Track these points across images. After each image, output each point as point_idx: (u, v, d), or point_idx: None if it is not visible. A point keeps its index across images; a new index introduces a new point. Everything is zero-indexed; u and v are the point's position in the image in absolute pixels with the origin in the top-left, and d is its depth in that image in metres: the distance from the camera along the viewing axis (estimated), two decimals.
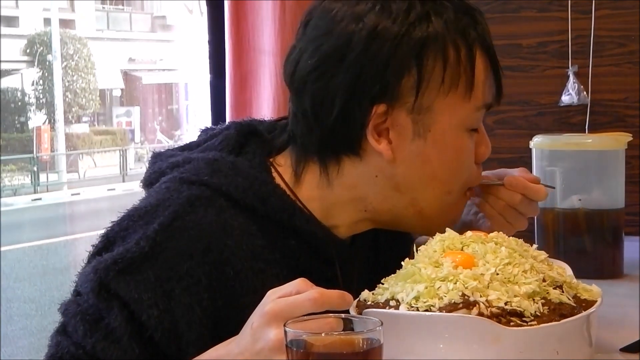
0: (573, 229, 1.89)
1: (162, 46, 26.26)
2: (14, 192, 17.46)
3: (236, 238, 1.27)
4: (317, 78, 1.31)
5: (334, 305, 1.07)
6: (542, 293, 1.14)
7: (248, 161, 1.36)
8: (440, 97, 1.31)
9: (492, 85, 1.38)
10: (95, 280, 1.21)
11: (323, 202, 1.37)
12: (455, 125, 1.34)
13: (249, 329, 1.10)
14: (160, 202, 1.28)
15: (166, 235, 1.23)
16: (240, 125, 1.43)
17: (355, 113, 1.30)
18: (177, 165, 1.35)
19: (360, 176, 1.35)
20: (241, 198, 1.30)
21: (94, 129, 23.81)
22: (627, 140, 1.91)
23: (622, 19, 2.47)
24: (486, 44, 1.37)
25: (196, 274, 1.22)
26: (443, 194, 1.36)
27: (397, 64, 1.29)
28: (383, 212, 1.37)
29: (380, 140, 1.32)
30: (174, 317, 1.21)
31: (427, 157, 1.33)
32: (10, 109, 22.34)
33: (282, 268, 1.30)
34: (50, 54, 21.99)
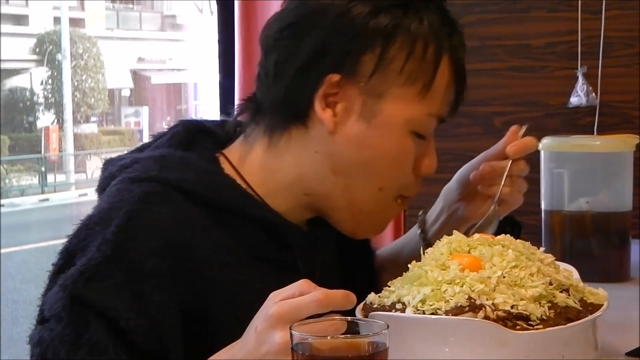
0: (580, 231, 1.89)
1: (171, 46, 26.29)
2: (21, 193, 17.48)
3: (193, 231, 1.27)
4: (289, 35, 1.34)
5: (338, 305, 1.07)
6: (549, 296, 1.14)
7: (197, 154, 1.36)
8: (394, 86, 1.32)
9: (450, 98, 1.38)
10: (65, 296, 1.19)
11: (270, 185, 1.37)
12: (402, 121, 1.34)
13: (252, 333, 1.10)
14: (113, 205, 1.27)
15: (125, 236, 1.22)
16: (189, 123, 1.44)
17: (310, 76, 1.32)
18: (126, 167, 1.34)
19: (303, 150, 1.35)
20: (193, 191, 1.29)
21: (102, 129, 23.84)
22: (635, 142, 1.90)
23: (632, 20, 2.47)
24: (457, 56, 1.37)
25: (162, 270, 1.22)
26: (374, 188, 1.36)
27: (363, 39, 1.31)
28: (320, 196, 1.37)
29: (326, 110, 1.32)
30: (149, 316, 1.20)
31: (365, 142, 1.33)
32: (19, 109, 22.38)
33: (241, 257, 1.31)
34: (59, 53, 22.03)
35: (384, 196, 1.38)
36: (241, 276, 1.28)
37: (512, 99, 2.58)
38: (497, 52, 2.59)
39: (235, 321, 1.23)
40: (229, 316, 1.25)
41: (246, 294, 1.27)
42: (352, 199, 1.36)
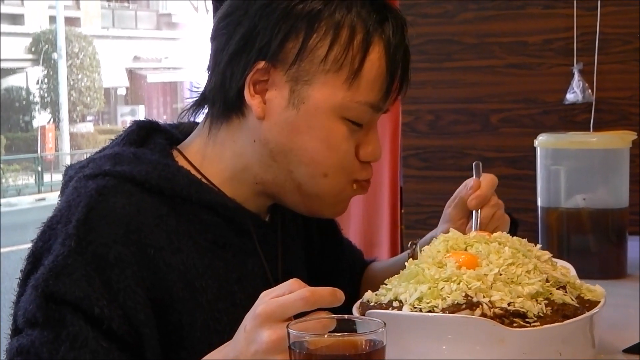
0: (577, 228, 1.89)
1: (167, 44, 26.29)
2: (17, 192, 17.47)
3: (150, 219, 1.27)
4: (226, 25, 1.35)
5: (325, 303, 1.07)
6: (546, 294, 1.14)
7: (150, 150, 1.37)
8: (320, 73, 1.32)
9: (381, 87, 1.35)
10: (39, 296, 1.20)
11: (224, 175, 1.38)
12: (330, 107, 1.33)
13: (242, 333, 1.10)
14: (70, 202, 1.28)
15: (86, 228, 1.23)
16: (142, 122, 1.45)
17: (240, 64, 1.33)
18: (82, 167, 1.36)
19: (243, 139, 1.36)
20: (146, 181, 1.30)
21: (98, 128, 23.83)
22: (632, 138, 1.90)
23: (628, 16, 2.47)
24: (389, 43, 1.35)
25: (125, 257, 1.23)
26: (319, 174, 1.35)
27: (287, 25, 1.31)
28: (269, 183, 1.37)
29: (255, 96, 1.33)
30: (120, 303, 1.21)
31: (296, 128, 1.33)
32: (15, 108, 22.37)
33: (199, 244, 1.31)
34: (55, 52, 22.01)
35: (332, 181, 1.36)
36: (200, 262, 1.29)
37: (509, 96, 2.58)
38: (493, 49, 2.59)
39: (196, 306, 1.27)
40: (189, 301, 1.27)
41: (206, 280, 1.29)
42: (298, 184, 1.36)
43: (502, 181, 1.51)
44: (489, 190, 1.51)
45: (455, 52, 2.62)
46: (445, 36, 2.62)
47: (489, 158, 2.55)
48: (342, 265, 1.66)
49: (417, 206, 2.56)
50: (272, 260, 1.40)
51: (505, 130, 2.57)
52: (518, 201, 1.53)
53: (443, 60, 2.63)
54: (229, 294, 1.32)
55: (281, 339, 1.03)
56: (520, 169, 2.49)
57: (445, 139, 2.63)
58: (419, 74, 2.59)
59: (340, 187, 1.38)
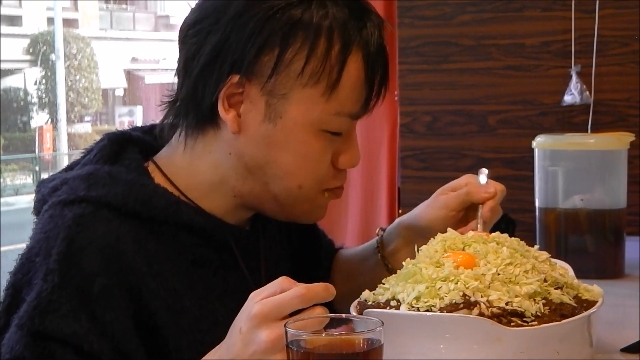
0: (574, 228, 1.89)
1: (165, 46, 26.24)
2: (15, 192, 17.44)
3: (129, 245, 1.25)
4: (195, 33, 1.31)
5: (320, 299, 1.07)
6: (543, 293, 1.14)
7: (125, 167, 1.33)
8: (297, 87, 1.28)
9: (360, 97, 1.32)
10: (25, 335, 1.18)
11: (201, 188, 1.35)
12: (308, 122, 1.30)
13: (237, 334, 1.09)
14: (49, 234, 1.25)
15: (68, 262, 1.21)
16: (114, 135, 1.41)
17: (213, 76, 1.29)
18: (56, 189, 1.31)
19: (218, 152, 1.33)
20: (123, 205, 1.27)
21: (96, 128, 23.78)
22: (629, 140, 1.91)
23: (626, 19, 2.47)
24: (369, 51, 1.31)
25: (108, 288, 1.21)
26: (294, 186, 1.33)
27: (261, 38, 1.26)
28: (246, 195, 1.35)
29: (230, 110, 1.30)
30: (108, 336, 1.19)
31: (273, 142, 1.30)
32: (13, 109, 22.33)
33: (179, 265, 1.29)
34: (53, 54, 21.97)
35: (306, 192, 1.34)
36: (180, 284, 1.27)
37: (507, 97, 2.58)
38: (491, 51, 2.59)
39: (179, 330, 1.25)
40: (172, 326, 1.25)
41: (186, 302, 1.27)
42: (275, 195, 1.34)
43: (500, 182, 1.51)
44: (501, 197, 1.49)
45: (453, 54, 2.62)
46: (443, 38, 2.62)
47: (487, 159, 2.55)
48: (320, 257, 1.64)
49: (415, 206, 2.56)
50: (255, 270, 1.38)
51: (503, 132, 2.57)
52: (516, 202, 1.53)
53: (441, 62, 2.63)
54: (210, 312, 1.30)
55: (280, 338, 1.03)
56: (518, 170, 2.49)
57: (443, 140, 2.64)
58: (417, 76, 2.59)
59: (316, 197, 1.36)
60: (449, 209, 1.49)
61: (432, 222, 1.49)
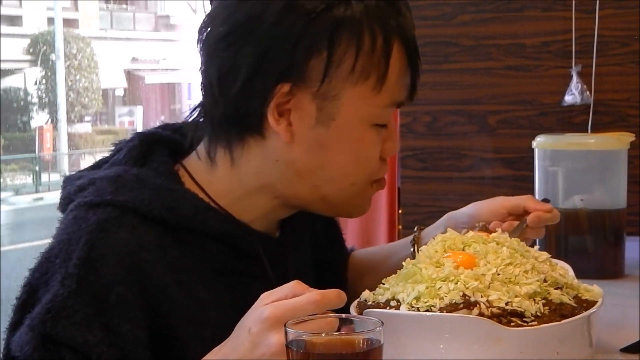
0: (575, 228, 1.89)
1: (165, 46, 26.25)
2: (15, 192, 17.44)
3: (153, 253, 1.23)
4: (227, 46, 1.27)
5: (333, 305, 1.07)
6: (543, 293, 1.14)
7: (153, 170, 1.32)
8: (348, 86, 1.27)
9: (406, 83, 1.32)
10: (35, 337, 1.16)
11: (234, 194, 1.33)
12: (361, 119, 1.29)
13: (245, 335, 1.08)
14: (71, 236, 1.23)
15: (87, 268, 1.19)
16: (144, 135, 1.39)
17: (258, 88, 1.25)
18: (83, 189, 1.30)
19: (263, 160, 1.31)
20: (149, 212, 1.25)
21: (96, 128, 23.78)
22: (629, 140, 1.91)
23: (626, 19, 2.47)
24: (406, 37, 1.30)
25: (127, 298, 1.19)
26: (347, 185, 1.33)
27: (307, 43, 1.24)
28: (291, 197, 1.34)
29: (280, 120, 1.27)
30: (120, 347, 1.18)
31: (327, 145, 1.29)
32: (13, 109, 22.32)
33: (205, 275, 1.28)
34: (53, 54, 21.97)
35: (358, 188, 1.34)
36: (205, 294, 1.26)
37: (507, 97, 2.58)
38: (491, 51, 2.59)
39: (201, 340, 1.22)
40: (193, 336, 1.23)
41: (212, 312, 1.26)
42: (324, 196, 1.33)
43: (500, 182, 1.52)
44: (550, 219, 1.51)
45: (453, 54, 2.62)
46: (443, 38, 2.62)
47: (487, 159, 2.55)
48: (342, 261, 1.64)
49: (415, 206, 2.56)
50: (281, 278, 1.33)
51: (503, 132, 2.57)
52: None
53: (441, 62, 2.63)
54: (235, 323, 1.23)
55: None
56: (518, 170, 2.49)
57: (443, 140, 2.64)
58: None
59: (364, 190, 1.36)
60: (502, 207, 1.52)
61: (480, 210, 1.52)
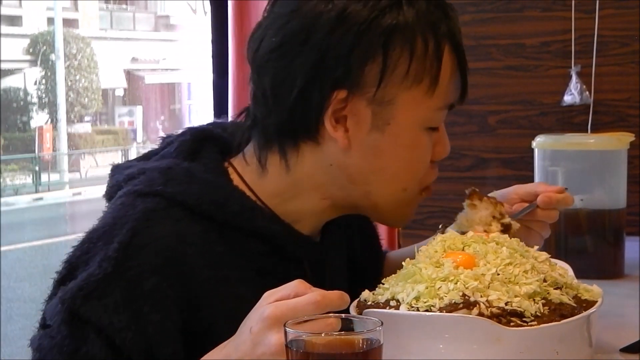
0: (574, 228, 1.89)
1: (165, 46, 26.24)
2: (15, 192, 17.44)
3: (196, 247, 1.25)
4: (280, 57, 1.29)
5: (334, 306, 1.07)
6: (543, 293, 1.14)
7: (203, 165, 1.33)
8: (402, 91, 1.29)
9: (457, 85, 1.35)
10: (64, 310, 1.19)
11: (283, 195, 1.35)
12: (415, 123, 1.31)
13: (247, 333, 1.09)
14: (116, 220, 1.25)
15: (127, 254, 1.21)
16: (196, 130, 1.41)
17: (314, 96, 1.27)
18: (133, 177, 1.32)
19: (317, 164, 1.32)
20: (197, 206, 1.27)
21: (96, 128, 23.77)
22: (629, 140, 1.91)
23: (626, 19, 2.47)
24: (455, 40, 1.33)
25: (162, 289, 1.21)
26: (398, 190, 1.34)
27: (362, 49, 1.26)
28: (340, 199, 1.35)
29: (337, 127, 1.29)
30: (146, 336, 1.19)
31: (382, 150, 1.31)
32: (13, 109, 22.31)
33: (247, 273, 1.29)
34: (53, 54, 21.96)
35: (408, 194, 1.36)
36: (245, 291, 1.25)
37: (507, 97, 2.59)
38: (491, 51, 2.59)
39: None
40: (229, 332, 1.20)
41: (248, 309, 1.22)
42: (375, 203, 1.35)
43: (500, 182, 1.52)
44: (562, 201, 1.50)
45: None
46: None
47: (487, 159, 2.55)
48: (378, 264, 1.64)
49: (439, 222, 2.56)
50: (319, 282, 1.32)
51: (503, 132, 2.57)
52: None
53: None
54: None
55: None
56: (517, 170, 2.49)
57: None
58: None
59: (414, 197, 1.37)
60: (515, 193, 1.53)
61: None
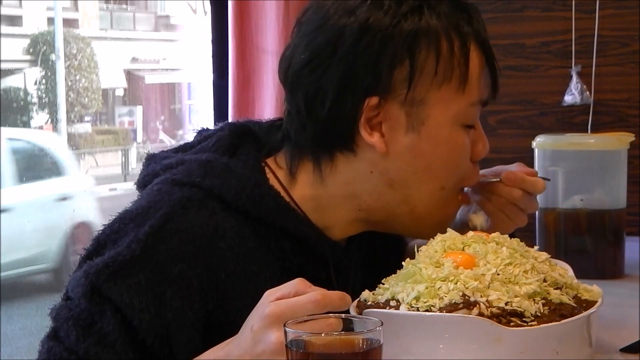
0: (574, 229, 1.89)
1: (165, 46, 26.19)
2: None
3: (228, 240, 1.26)
4: (310, 72, 1.31)
5: (335, 306, 1.07)
6: (543, 293, 1.14)
7: (242, 162, 1.35)
8: (433, 90, 1.31)
9: (487, 81, 1.38)
10: (86, 284, 1.20)
11: (317, 201, 1.36)
12: (449, 120, 1.34)
13: (248, 331, 1.09)
14: (151, 205, 1.27)
15: (157, 238, 1.22)
16: (235, 126, 1.42)
17: (347, 106, 1.30)
18: (170, 167, 1.34)
19: (354, 172, 1.34)
20: (234, 200, 1.29)
21: (96, 128, 23.68)
22: (629, 140, 1.90)
23: (626, 19, 2.47)
24: (481, 38, 1.36)
25: (187, 277, 1.21)
26: (437, 189, 1.35)
27: (388, 55, 1.30)
28: (377, 210, 1.36)
29: (373, 133, 1.31)
30: (165, 320, 1.20)
31: (420, 151, 1.33)
32: (13, 109, 22.32)
33: (274, 270, 1.30)
34: (53, 54, 21.88)
35: (446, 194, 1.37)
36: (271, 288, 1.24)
37: (507, 97, 2.58)
38: None
39: None
40: None
41: None
42: (414, 207, 1.36)
43: None
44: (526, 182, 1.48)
45: None
46: None
47: (487, 159, 2.52)
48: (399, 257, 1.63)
49: None
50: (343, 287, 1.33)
51: (503, 132, 2.57)
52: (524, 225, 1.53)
53: None
54: None
55: None
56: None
57: None
58: None
59: (452, 198, 1.39)
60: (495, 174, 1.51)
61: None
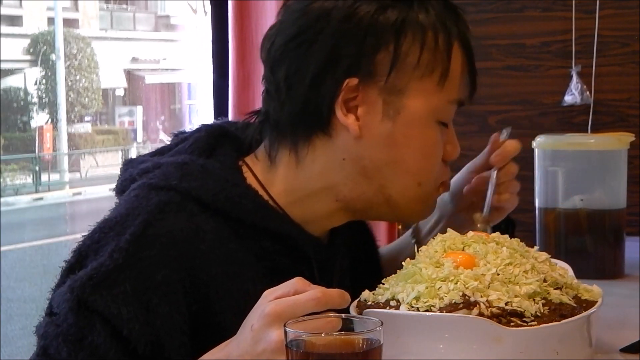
0: (574, 229, 1.89)
1: (165, 46, 26.24)
2: (15, 192, 17.42)
3: (209, 243, 1.26)
4: (296, 47, 1.31)
5: (335, 304, 1.07)
6: (543, 293, 1.14)
7: (219, 163, 1.35)
8: (413, 81, 1.31)
9: (467, 81, 1.37)
10: (72, 299, 1.19)
11: (295, 195, 1.35)
12: (426, 113, 1.33)
13: (248, 331, 1.09)
14: (129, 211, 1.26)
15: (138, 245, 1.22)
16: (211, 127, 1.42)
17: (327, 84, 1.30)
18: (147, 171, 1.33)
19: (328, 159, 1.33)
20: (212, 202, 1.29)
21: (96, 128, 23.75)
22: (629, 140, 1.90)
23: (626, 19, 2.48)
24: (465, 39, 1.37)
25: (172, 282, 1.21)
26: (414, 185, 1.35)
27: (374, 37, 1.29)
28: (353, 200, 1.36)
29: (348, 115, 1.31)
30: (154, 328, 1.19)
31: (394, 140, 1.32)
32: (13, 109, 22.31)
33: (257, 270, 1.30)
34: (53, 54, 21.94)
35: (425, 189, 1.37)
36: (255, 288, 1.24)
37: (507, 97, 2.59)
38: (491, 52, 2.60)
39: None
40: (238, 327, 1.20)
41: None
42: (388, 197, 1.35)
43: None
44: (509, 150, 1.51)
45: None
46: None
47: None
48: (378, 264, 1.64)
49: None
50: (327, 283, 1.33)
51: None
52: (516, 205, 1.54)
53: None
54: None
55: None
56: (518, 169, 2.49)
57: None
58: None
59: (431, 193, 1.38)
60: (469, 171, 1.55)
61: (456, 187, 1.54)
